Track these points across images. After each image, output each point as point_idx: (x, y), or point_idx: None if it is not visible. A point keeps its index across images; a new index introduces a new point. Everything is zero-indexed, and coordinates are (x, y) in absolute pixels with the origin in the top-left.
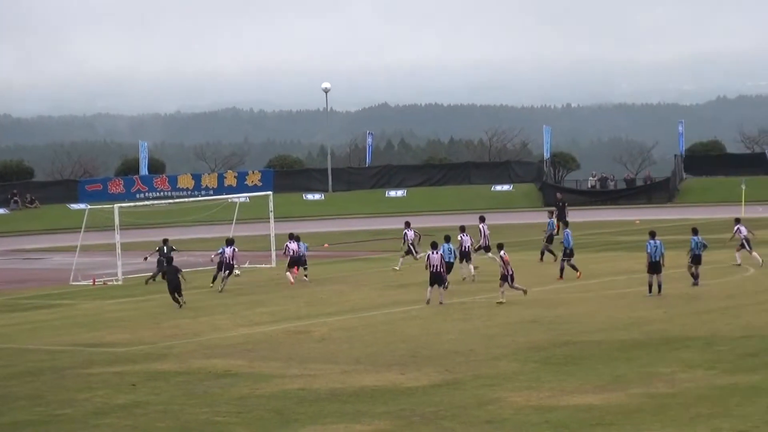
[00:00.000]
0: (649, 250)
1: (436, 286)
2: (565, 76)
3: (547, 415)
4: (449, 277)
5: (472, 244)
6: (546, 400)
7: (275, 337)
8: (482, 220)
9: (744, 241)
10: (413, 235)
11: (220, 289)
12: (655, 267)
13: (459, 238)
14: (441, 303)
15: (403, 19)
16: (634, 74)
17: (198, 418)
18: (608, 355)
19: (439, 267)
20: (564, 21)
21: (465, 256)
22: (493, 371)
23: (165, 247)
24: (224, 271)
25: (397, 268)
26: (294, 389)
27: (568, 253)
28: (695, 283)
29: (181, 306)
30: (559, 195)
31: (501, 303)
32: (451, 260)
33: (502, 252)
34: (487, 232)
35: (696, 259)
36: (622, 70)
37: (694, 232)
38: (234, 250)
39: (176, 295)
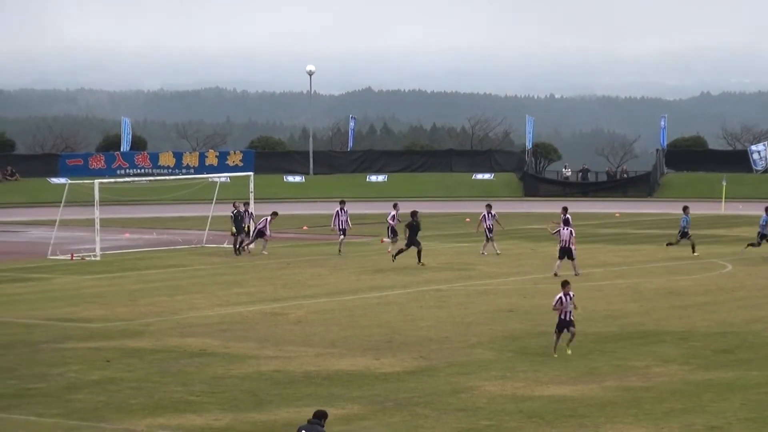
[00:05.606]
0: None
1: (565, 258)
2: (549, 67)
3: (521, 404)
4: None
5: (496, 220)
6: (520, 390)
7: (251, 318)
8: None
9: None
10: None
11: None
12: None
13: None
14: (576, 275)
15: (389, 4)
16: (618, 67)
17: (172, 396)
18: (583, 347)
19: (568, 243)
20: (548, 11)
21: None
22: (468, 359)
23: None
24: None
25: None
26: (269, 371)
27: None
28: None
29: None
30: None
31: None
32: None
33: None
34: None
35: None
36: (605, 63)
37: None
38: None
39: None
